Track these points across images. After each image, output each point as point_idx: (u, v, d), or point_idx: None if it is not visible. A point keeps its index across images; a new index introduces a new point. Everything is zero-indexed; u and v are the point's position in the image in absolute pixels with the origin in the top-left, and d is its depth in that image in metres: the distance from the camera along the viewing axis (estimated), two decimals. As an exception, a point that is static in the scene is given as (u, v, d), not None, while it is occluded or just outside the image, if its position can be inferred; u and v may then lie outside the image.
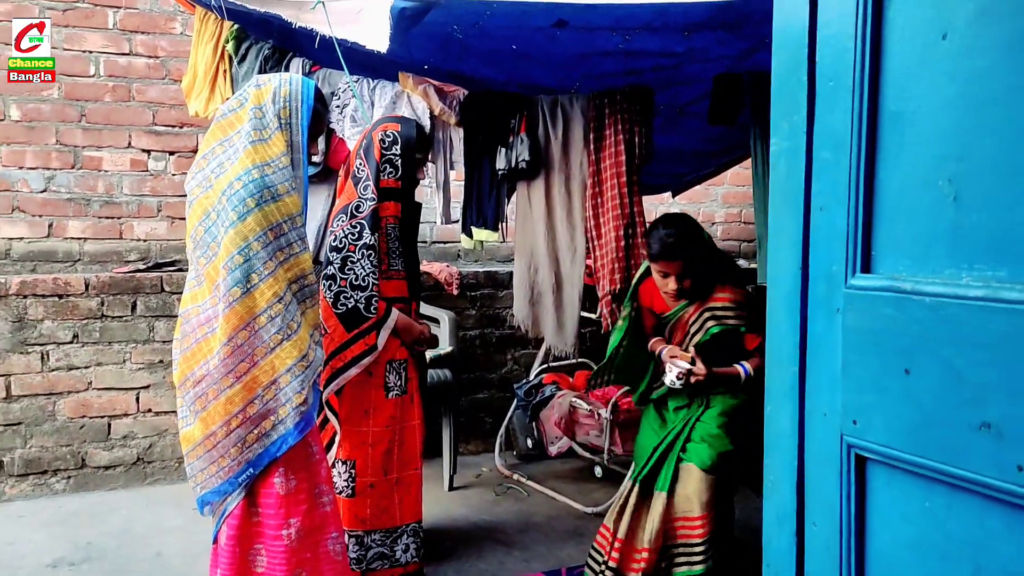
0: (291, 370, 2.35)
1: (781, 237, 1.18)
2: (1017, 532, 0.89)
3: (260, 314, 2.33)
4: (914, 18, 0.98)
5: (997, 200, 0.89)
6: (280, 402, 2.36)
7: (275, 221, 2.35)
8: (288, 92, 2.46)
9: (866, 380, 1.04)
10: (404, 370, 3.03)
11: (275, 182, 2.37)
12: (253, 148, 2.38)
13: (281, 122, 2.44)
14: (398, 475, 2.98)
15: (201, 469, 2.41)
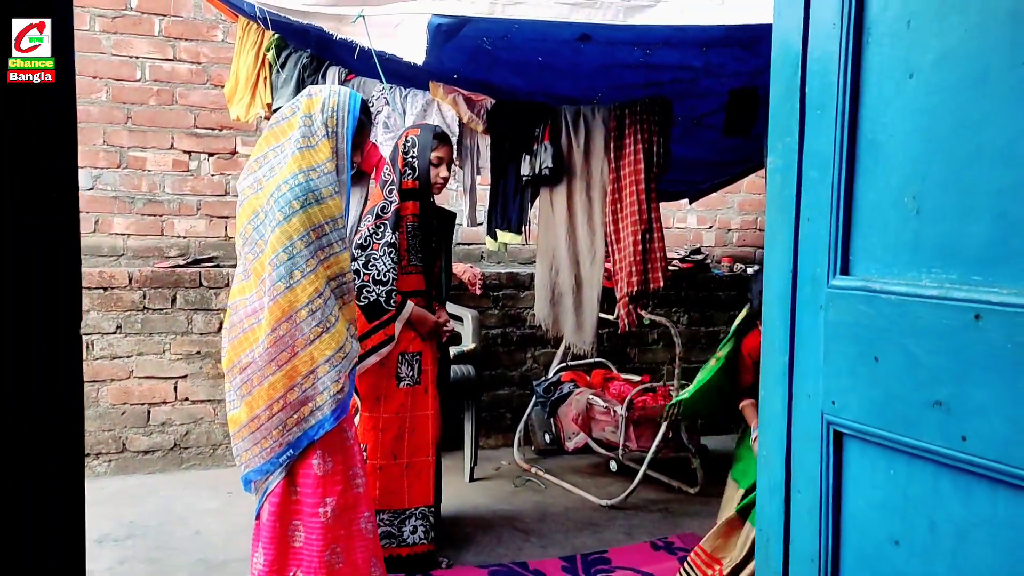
0: (329, 360, 2.55)
1: (775, 243, 1.36)
2: (962, 492, 1.06)
3: (301, 308, 2.52)
4: (888, 59, 1.16)
5: (949, 215, 1.07)
6: (318, 390, 2.55)
7: (318, 222, 2.55)
8: (336, 103, 2.66)
9: (843, 366, 1.21)
10: (417, 362, 3.21)
11: (319, 186, 2.57)
12: (300, 154, 2.58)
13: (328, 130, 2.63)
14: (408, 460, 3.16)
15: (246, 449, 2.62)
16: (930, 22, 1.09)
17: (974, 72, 1.03)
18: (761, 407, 1.40)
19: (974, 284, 1.03)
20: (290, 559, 2.61)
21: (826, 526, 1.25)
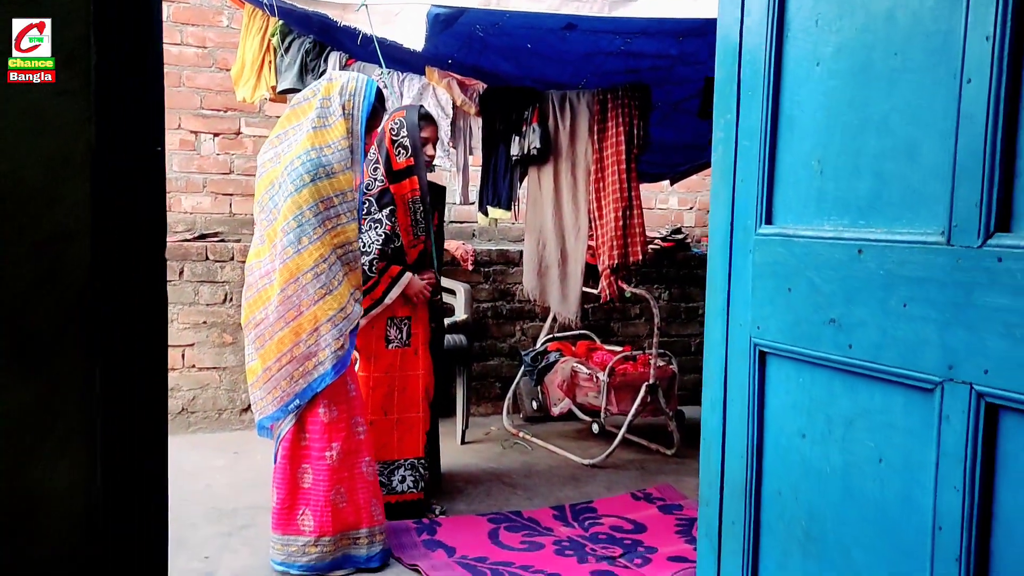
0: (331, 319, 2.85)
1: (718, 201, 1.64)
2: (849, 390, 1.35)
3: (307, 271, 2.82)
4: (801, 51, 1.44)
5: (843, 174, 1.35)
6: (320, 346, 2.85)
7: (327, 195, 2.85)
8: (354, 88, 2.96)
9: (766, 298, 1.50)
10: (406, 326, 3.46)
11: (331, 161, 2.86)
12: (314, 132, 2.88)
13: (345, 111, 2.93)
14: (399, 416, 3.42)
15: (260, 398, 2.91)
16: (830, 22, 1.38)
17: (861, 62, 1.32)
18: (706, 337, 1.69)
19: (859, 227, 1.32)
20: (299, 498, 2.91)
21: (752, 428, 1.54)
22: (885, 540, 1.29)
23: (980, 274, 1.12)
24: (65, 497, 1.06)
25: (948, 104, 1.17)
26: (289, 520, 2.89)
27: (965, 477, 1.15)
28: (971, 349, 1.13)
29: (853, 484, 1.35)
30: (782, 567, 1.50)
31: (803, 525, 1.45)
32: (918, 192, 1.22)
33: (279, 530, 2.90)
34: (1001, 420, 1.12)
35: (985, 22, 1.11)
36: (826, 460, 1.40)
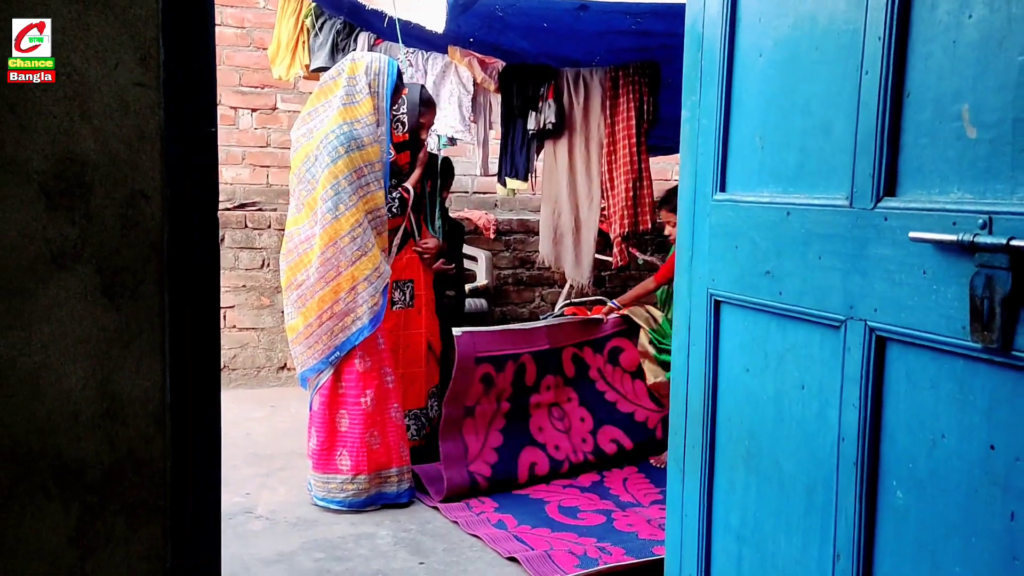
0: (367, 278, 3.17)
1: (685, 172, 1.90)
2: (780, 330, 1.61)
3: (344, 235, 3.15)
4: (749, 42, 1.69)
5: (777, 149, 1.61)
6: (358, 303, 3.17)
7: (359, 165, 3.17)
8: (378, 68, 3.28)
9: (719, 254, 1.77)
10: (409, 288, 3.69)
11: (361, 135, 3.19)
12: (345, 108, 3.20)
13: (371, 90, 3.25)
14: (403, 371, 3.68)
15: (302, 352, 3.24)
16: (770, 19, 1.62)
17: (792, 54, 1.57)
18: (675, 290, 1.96)
19: (788, 193, 1.58)
20: (337, 440, 3.24)
21: (709, 366, 1.82)
22: (805, 451, 1.56)
23: (871, 230, 1.37)
24: (143, 399, 1.37)
25: (852, 91, 1.42)
26: (328, 460, 3.22)
27: (861, 396, 1.41)
28: (865, 292, 1.39)
29: (783, 407, 1.62)
30: (730, 481, 1.78)
31: (746, 444, 1.73)
32: (831, 164, 1.48)
33: (319, 469, 3.23)
34: (887, 349, 1.38)
35: (878, 24, 1.36)
36: (763, 389, 1.67)
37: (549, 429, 3.70)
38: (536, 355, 3.84)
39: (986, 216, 1.17)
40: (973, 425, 1.21)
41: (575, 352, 4.01)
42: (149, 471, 1.40)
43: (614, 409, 3.87)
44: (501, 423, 3.62)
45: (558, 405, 3.79)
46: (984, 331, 1.16)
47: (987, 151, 1.21)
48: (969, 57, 1.24)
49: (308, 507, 3.26)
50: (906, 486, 1.34)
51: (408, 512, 3.23)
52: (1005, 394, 1.17)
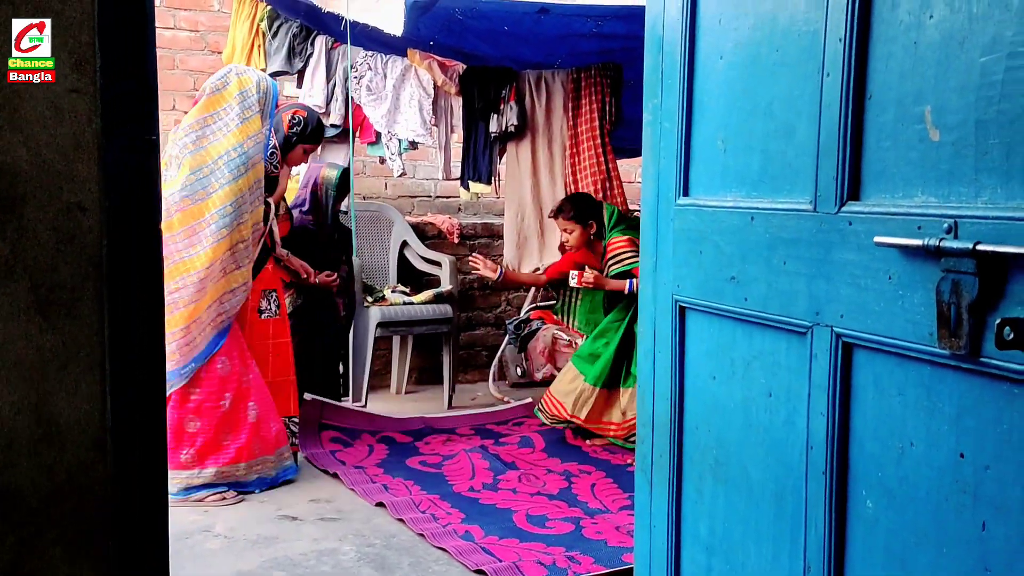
0: (234, 291, 3.33)
1: (648, 176, 1.87)
2: (747, 336, 1.58)
3: (238, 243, 3.31)
4: (709, 45, 1.66)
5: (740, 152, 1.58)
6: (232, 304, 3.34)
7: (254, 182, 3.34)
8: (266, 88, 3.41)
9: (683, 259, 1.73)
10: (274, 298, 3.73)
11: (255, 153, 3.33)
12: (244, 125, 3.29)
13: (261, 109, 3.36)
14: (273, 379, 3.69)
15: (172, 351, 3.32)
16: (730, 21, 1.60)
17: (752, 56, 1.54)
18: (640, 296, 1.92)
19: (752, 197, 1.55)
20: (184, 441, 3.34)
21: (675, 373, 1.78)
22: (774, 460, 1.53)
23: (836, 235, 1.35)
24: (81, 422, 1.30)
25: (814, 94, 1.39)
26: (174, 457, 3.30)
27: (828, 404, 1.39)
28: (830, 297, 1.37)
29: (750, 415, 1.59)
30: (698, 491, 1.75)
31: (714, 453, 1.69)
32: (794, 167, 1.45)
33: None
34: (854, 356, 1.35)
35: (839, 26, 1.33)
36: (730, 397, 1.64)
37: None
38: (409, 433, 4.21)
39: (951, 220, 1.14)
40: (942, 433, 1.19)
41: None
42: (89, 498, 1.33)
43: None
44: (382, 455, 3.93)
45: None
46: (951, 337, 1.13)
47: (950, 153, 1.18)
48: (930, 58, 1.22)
49: (269, 523, 3.18)
50: (876, 494, 1.32)
51: (372, 526, 3.17)
52: (972, 401, 1.14)
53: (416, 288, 5.23)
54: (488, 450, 3.99)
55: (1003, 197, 1.10)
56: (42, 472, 1.29)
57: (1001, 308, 1.08)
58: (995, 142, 1.12)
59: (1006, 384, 1.09)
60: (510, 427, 4.43)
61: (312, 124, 3.78)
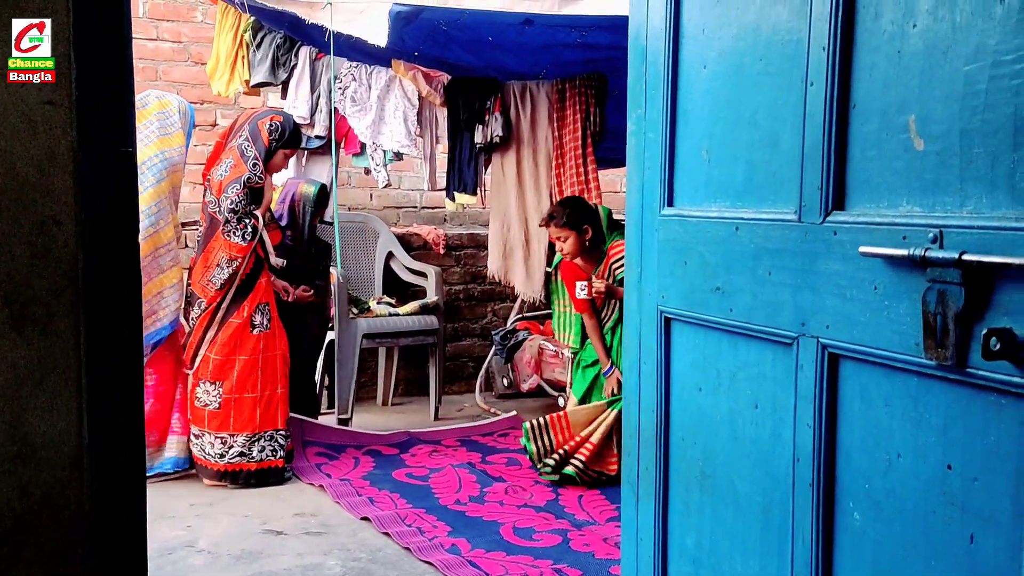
0: (174, 287, 3.64)
1: (632, 186, 1.86)
2: (732, 347, 1.57)
3: (162, 247, 3.60)
4: (693, 54, 1.65)
5: (724, 162, 1.57)
6: (161, 306, 3.60)
7: (175, 185, 3.71)
8: (185, 109, 3.82)
9: (667, 270, 1.72)
10: (267, 311, 3.76)
11: (177, 160, 3.69)
12: (162, 138, 3.65)
13: (183, 126, 3.74)
14: (260, 393, 3.71)
15: None
16: (714, 30, 1.59)
17: (736, 66, 1.54)
18: (624, 307, 1.91)
19: (736, 207, 1.55)
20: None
21: (660, 385, 1.77)
22: (761, 472, 1.52)
23: (821, 245, 1.34)
24: (57, 440, 1.27)
25: (798, 103, 1.38)
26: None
27: (815, 415, 1.38)
28: (816, 308, 1.36)
29: (736, 427, 1.57)
30: (685, 503, 1.73)
31: (700, 465, 1.68)
32: (778, 177, 1.44)
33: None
34: (841, 367, 1.34)
35: (822, 35, 1.33)
36: (716, 408, 1.63)
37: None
38: (395, 445, 4.25)
39: (936, 230, 1.14)
40: (929, 444, 1.18)
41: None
42: (66, 517, 1.30)
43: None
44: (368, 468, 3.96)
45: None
46: (938, 348, 1.12)
47: (935, 163, 1.18)
48: (914, 67, 1.21)
49: (252, 538, 3.14)
50: (863, 507, 1.30)
51: (357, 540, 3.13)
52: (960, 412, 1.14)
53: (402, 299, 5.21)
54: (475, 466, 3.96)
55: (988, 207, 1.09)
56: (17, 490, 1.26)
57: (987, 318, 1.07)
58: (980, 151, 1.11)
59: (993, 395, 1.08)
60: (496, 439, 4.41)
61: (289, 128, 3.81)
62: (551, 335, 5.31)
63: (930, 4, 1.18)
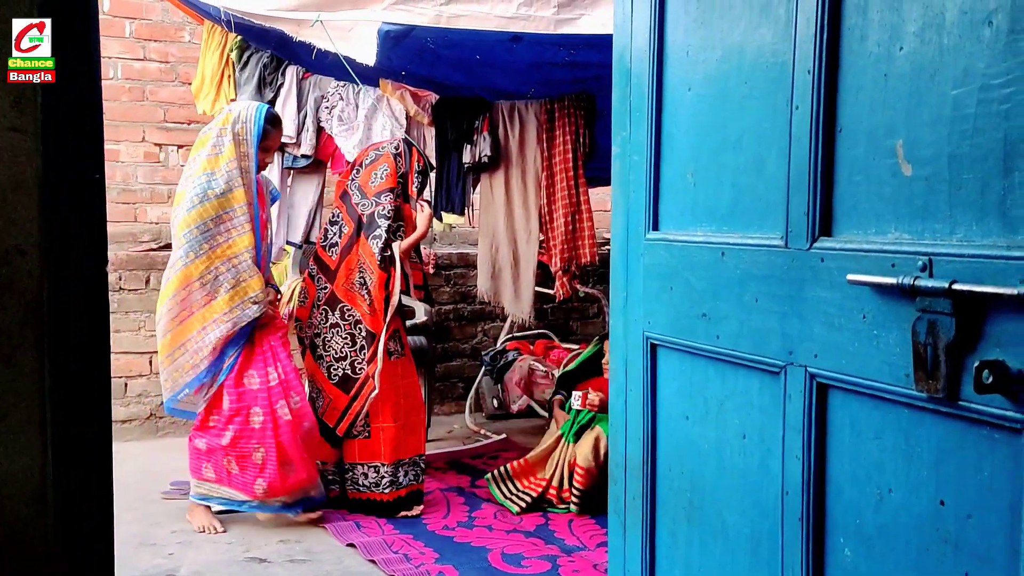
0: (215, 321, 3.28)
1: (617, 210, 1.83)
2: (719, 375, 1.54)
3: (195, 280, 3.27)
4: (677, 76, 1.63)
5: (710, 186, 1.54)
6: (204, 344, 3.28)
7: (214, 214, 3.29)
8: (245, 116, 3.38)
9: (653, 295, 1.69)
10: (400, 336, 3.68)
11: (219, 184, 3.29)
12: (207, 160, 3.32)
13: (236, 139, 3.34)
14: (404, 421, 3.61)
15: (163, 380, 3.39)
16: (698, 52, 1.56)
17: (721, 88, 1.51)
18: (610, 332, 1.87)
19: (723, 232, 1.51)
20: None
21: (647, 412, 1.73)
22: (749, 504, 1.48)
23: (808, 272, 1.31)
24: (20, 477, 1.22)
25: (784, 126, 1.36)
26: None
27: (804, 447, 1.34)
28: (804, 336, 1.32)
29: (724, 457, 1.54)
30: (673, 535, 1.69)
31: (688, 496, 1.64)
32: (765, 201, 1.41)
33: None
34: (830, 397, 1.31)
35: (807, 57, 1.30)
36: (704, 438, 1.59)
37: None
38: None
39: (926, 258, 1.10)
40: (921, 479, 1.14)
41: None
42: (30, 556, 1.25)
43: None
44: None
45: None
46: (928, 380, 1.09)
47: (923, 189, 1.15)
48: (901, 90, 1.18)
49: (235, 566, 3.07)
50: (854, 543, 1.26)
51: (343, 568, 3.07)
52: (952, 446, 1.10)
53: (390, 319, 5.15)
54: (464, 489, 3.90)
55: (979, 234, 1.06)
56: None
57: (979, 350, 1.04)
58: (969, 177, 1.08)
59: (986, 429, 1.04)
60: (486, 461, 4.35)
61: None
62: (541, 355, 5.27)
63: (917, 26, 1.16)
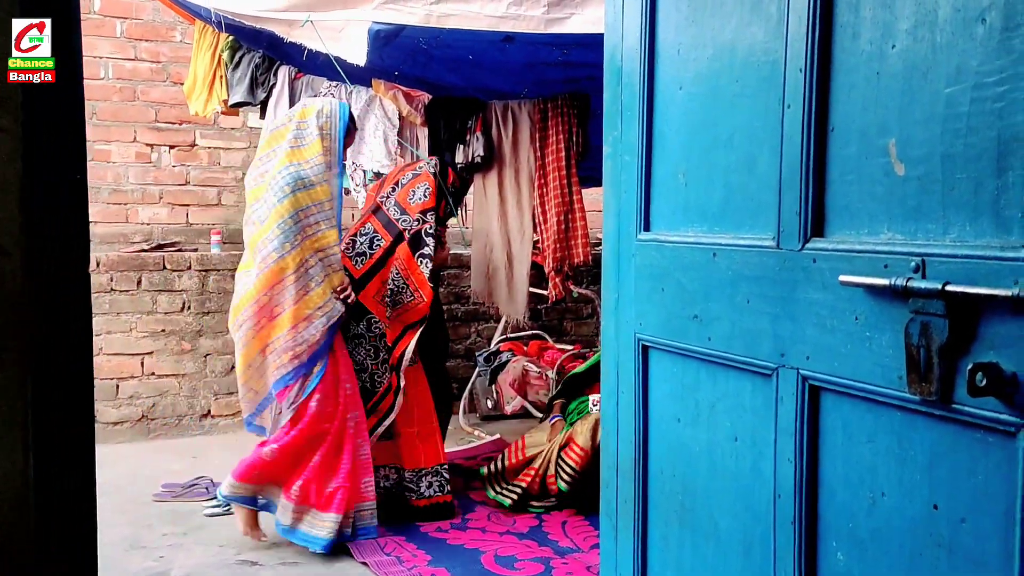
0: (308, 317, 3.16)
1: (609, 210, 1.81)
2: (711, 377, 1.52)
3: (290, 274, 3.14)
4: (668, 75, 1.61)
5: (701, 186, 1.53)
6: (298, 340, 3.14)
7: (305, 204, 3.18)
8: (329, 111, 3.31)
9: (645, 296, 1.67)
10: (416, 346, 3.62)
11: (309, 175, 3.20)
12: (291, 151, 3.23)
13: (322, 133, 3.26)
14: (418, 429, 3.58)
15: (245, 392, 3.24)
16: (689, 50, 1.55)
17: (712, 87, 1.49)
18: (602, 333, 1.86)
19: (714, 232, 1.50)
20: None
21: (638, 414, 1.71)
22: (741, 507, 1.46)
23: (800, 273, 1.29)
24: (1, 480, 1.20)
25: (775, 125, 1.34)
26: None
27: (796, 450, 1.32)
28: (796, 338, 1.31)
29: (716, 460, 1.52)
30: (664, 538, 1.68)
31: (679, 499, 1.62)
32: (756, 201, 1.40)
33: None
34: (822, 400, 1.29)
35: (799, 55, 1.29)
36: (695, 440, 1.57)
37: None
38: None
39: (919, 259, 1.09)
40: (914, 483, 1.13)
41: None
42: (12, 560, 1.23)
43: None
44: None
45: None
46: (922, 382, 1.07)
47: (916, 189, 1.13)
48: (894, 89, 1.17)
49: (227, 569, 3.05)
50: (847, 546, 1.25)
51: (335, 570, 3.05)
52: (945, 450, 1.09)
53: (384, 320, 5.13)
54: (458, 491, 3.88)
55: (972, 235, 1.05)
56: (-45, 538, 1.19)
57: (973, 352, 1.02)
58: (962, 177, 1.07)
59: (980, 432, 1.03)
60: (480, 462, 4.33)
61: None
62: (535, 355, 5.26)
63: (909, 24, 1.14)
